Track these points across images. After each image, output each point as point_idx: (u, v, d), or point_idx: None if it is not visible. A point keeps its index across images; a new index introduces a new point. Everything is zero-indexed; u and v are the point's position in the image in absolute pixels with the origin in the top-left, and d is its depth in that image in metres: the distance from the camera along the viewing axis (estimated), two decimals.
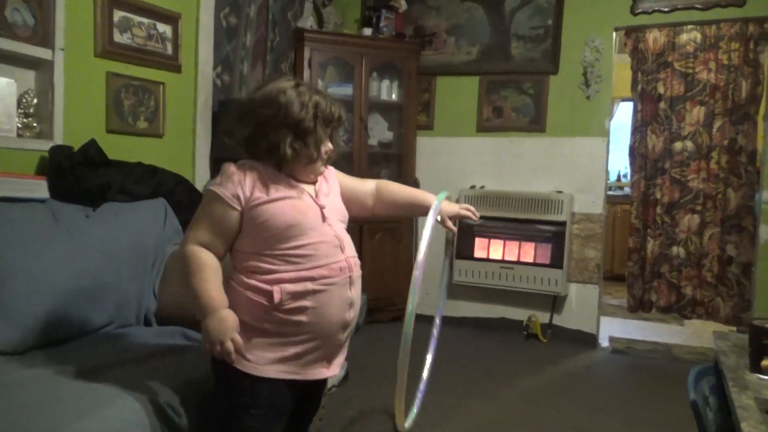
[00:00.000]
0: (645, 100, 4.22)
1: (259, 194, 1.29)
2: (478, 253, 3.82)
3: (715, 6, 3.37)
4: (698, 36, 4.06)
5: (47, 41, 2.12)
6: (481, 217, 3.90)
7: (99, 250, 1.86)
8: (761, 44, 3.77)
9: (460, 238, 3.87)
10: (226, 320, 1.24)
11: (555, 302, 3.75)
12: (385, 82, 3.94)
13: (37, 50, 2.09)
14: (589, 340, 3.68)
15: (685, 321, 4.28)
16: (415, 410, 1.59)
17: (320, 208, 1.35)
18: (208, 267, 1.27)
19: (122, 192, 2.04)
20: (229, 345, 1.23)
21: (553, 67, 3.76)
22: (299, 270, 1.27)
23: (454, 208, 1.62)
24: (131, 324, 1.93)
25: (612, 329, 4.00)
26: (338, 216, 1.40)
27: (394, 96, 3.96)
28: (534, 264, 3.69)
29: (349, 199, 1.49)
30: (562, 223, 3.62)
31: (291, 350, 1.30)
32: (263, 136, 1.31)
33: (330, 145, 1.38)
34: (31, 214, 1.78)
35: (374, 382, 2.80)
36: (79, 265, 1.81)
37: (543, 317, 3.75)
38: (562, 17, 3.71)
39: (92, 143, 2.10)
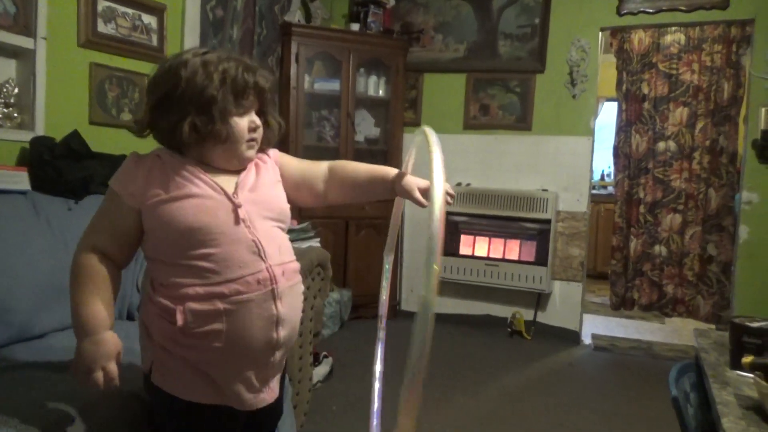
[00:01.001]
0: (630, 100, 4.26)
1: (158, 190, 1.08)
2: (464, 250, 3.84)
3: (699, 8, 3.42)
4: (682, 37, 4.11)
5: (29, 30, 2.08)
6: (467, 215, 3.94)
7: None
8: (743, 47, 3.82)
9: (446, 235, 3.88)
10: (102, 344, 1.05)
11: (539, 299, 3.78)
12: (373, 78, 3.93)
13: (19, 39, 2.04)
14: (572, 337, 3.71)
15: (666, 319, 4.34)
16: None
17: (234, 206, 1.10)
18: (96, 278, 1.08)
19: (105, 185, 1.99)
20: (98, 376, 1.04)
21: (539, 66, 3.78)
22: (207, 285, 1.05)
23: (419, 180, 1.26)
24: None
25: (595, 327, 4.04)
26: (266, 213, 1.15)
27: (381, 92, 3.96)
28: (519, 261, 3.71)
29: (297, 186, 1.27)
30: (547, 221, 3.65)
31: (213, 373, 1.10)
32: (163, 115, 1.10)
33: (254, 121, 1.15)
34: (11, 207, 1.75)
35: (358, 378, 2.80)
36: (60, 259, 1.78)
37: (527, 314, 3.77)
38: (549, 16, 3.73)
39: (75, 135, 2.06)
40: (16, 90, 2.08)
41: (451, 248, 3.84)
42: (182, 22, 2.75)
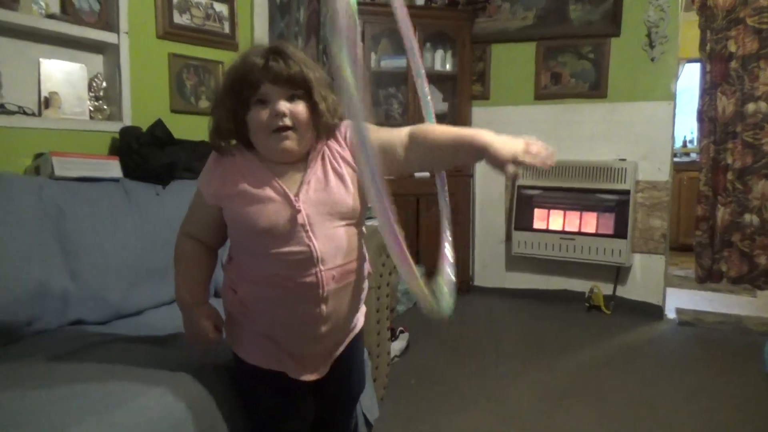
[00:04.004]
0: (714, 60, 3.97)
1: (231, 191, 1.14)
2: (538, 224, 3.76)
3: None
4: None
5: (112, 25, 2.19)
6: (540, 188, 3.85)
7: (168, 226, 1.93)
8: None
9: (518, 209, 3.81)
10: (198, 315, 1.22)
11: (618, 273, 3.65)
12: (439, 53, 3.88)
13: (103, 34, 2.16)
14: (654, 311, 3.57)
15: (759, 292, 4.08)
16: (446, 290, 1.06)
17: (294, 211, 1.11)
18: (190, 261, 1.24)
19: (187, 169, 2.11)
20: (202, 340, 1.24)
21: (614, 29, 3.60)
22: (261, 274, 1.14)
23: (513, 147, 0.98)
24: None
25: (679, 301, 3.87)
26: (331, 213, 1.13)
27: (448, 66, 3.90)
28: (596, 234, 3.60)
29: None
30: (626, 192, 3.51)
31: (265, 343, 1.21)
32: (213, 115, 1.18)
33: (276, 108, 1.08)
34: (105, 193, 1.87)
35: (434, 353, 2.83)
36: (150, 241, 1.90)
37: (606, 289, 3.66)
38: None
39: (159, 123, 2.17)
40: (104, 84, 2.21)
41: (524, 222, 3.77)
42: (251, 7, 2.81)
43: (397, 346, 2.78)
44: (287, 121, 1.09)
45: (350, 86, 0.74)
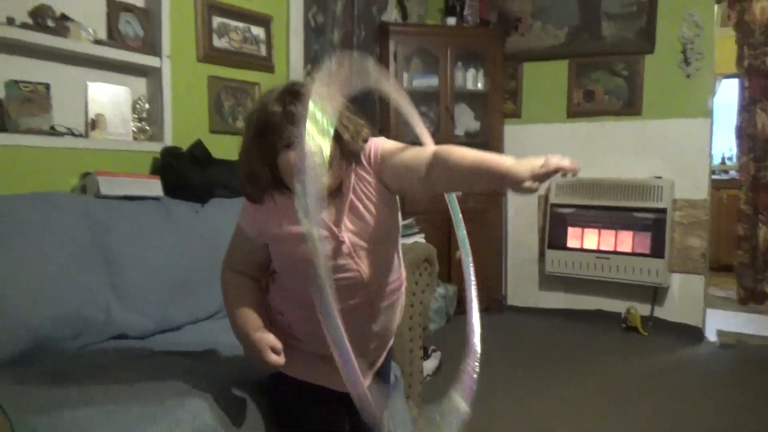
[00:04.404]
0: (753, 75, 3.91)
1: (275, 230, 1.17)
2: (571, 242, 3.71)
3: None
4: None
5: (155, 49, 2.28)
6: (573, 206, 3.81)
7: (207, 243, 1.98)
8: None
9: (552, 228, 3.78)
10: (254, 344, 1.18)
11: (656, 293, 3.57)
12: (471, 71, 3.90)
13: (147, 58, 2.24)
14: (694, 333, 3.48)
15: None
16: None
17: (339, 242, 1.15)
18: (236, 293, 1.24)
19: (226, 188, 2.16)
20: (264, 363, 1.18)
21: (648, 46, 3.57)
22: (307, 298, 1.13)
23: (530, 164, 0.96)
24: None
25: (719, 322, 3.75)
26: (370, 239, 1.17)
27: (479, 84, 3.91)
28: (632, 254, 3.53)
29: (399, 177, 1.17)
30: (663, 210, 3.44)
31: (304, 359, 1.24)
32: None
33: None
34: (147, 211, 1.93)
35: None
36: (188, 258, 1.94)
37: (643, 309, 3.58)
38: None
39: (198, 143, 2.23)
40: (147, 105, 2.29)
41: (558, 241, 3.73)
42: (287, 30, 2.89)
43: (430, 365, 2.77)
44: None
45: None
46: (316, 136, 0.86)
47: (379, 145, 1.20)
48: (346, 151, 1.15)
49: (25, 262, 1.56)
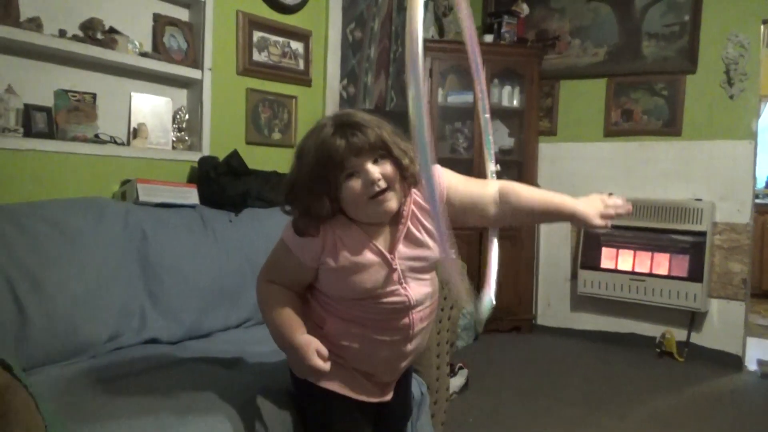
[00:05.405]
0: None
1: (328, 259, 1.16)
2: (605, 263, 3.64)
3: None
4: None
5: (197, 63, 2.35)
6: (610, 226, 3.73)
7: (240, 253, 2.02)
8: None
9: (585, 248, 3.72)
10: (299, 349, 1.16)
11: (693, 319, 3.47)
12: (507, 88, 3.89)
13: (189, 71, 2.32)
14: (732, 361, 3.35)
15: None
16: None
17: (391, 270, 1.17)
18: (277, 303, 1.22)
19: (260, 198, 2.20)
20: (310, 371, 1.17)
21: (690, 66, 3.50)
22: (353, 315, 1.20)
23: (595, 205, 1.20)
24: None
25: (761, 351, 3.62)
26: (420, 265, 1.22)
27: (515, 102, 3.90)
28: (669, 277, 3.44)
29: (465, 210, 1.23)
30: (702, 233, 3.35)
31: (340, 371, 1.22)
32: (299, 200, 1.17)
33: (368, 176, 1.11)
34: (184, 219, 1.98)
35: (493, 391, 2.77)
36: (222, 266, 1.98)
37: (679, 335, 3.48)
38: (701, 12, 3.45)
39: (235, 154, 2.28)
40: (187, 116, 2.35)
41: (591, 261, 3.66)
42: (325, 45, 2.94)
43: (456, 382, 2.74)
44: (382, 184, 1.12)
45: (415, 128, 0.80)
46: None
47: (443, 175, 1.23)
48: (406, 174, 1.17)
49: (75, 266, 1.62)
